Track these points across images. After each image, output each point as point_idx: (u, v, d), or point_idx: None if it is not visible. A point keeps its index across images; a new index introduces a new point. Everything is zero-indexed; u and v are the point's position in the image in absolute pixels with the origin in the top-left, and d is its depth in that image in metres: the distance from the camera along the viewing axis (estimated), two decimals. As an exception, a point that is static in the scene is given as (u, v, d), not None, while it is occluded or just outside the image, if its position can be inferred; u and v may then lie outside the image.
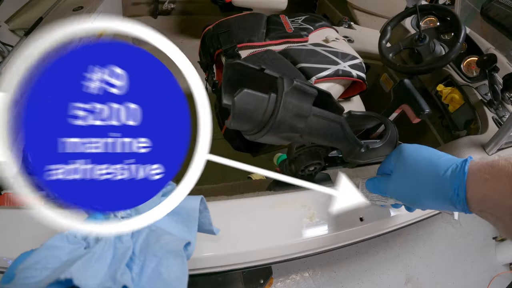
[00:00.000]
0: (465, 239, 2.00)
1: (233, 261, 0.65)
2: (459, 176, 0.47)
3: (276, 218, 0.69)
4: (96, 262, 0.37)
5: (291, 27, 1.48)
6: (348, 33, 1.89)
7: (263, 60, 1.28)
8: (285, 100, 0.42)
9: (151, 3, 3.31)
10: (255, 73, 0.47)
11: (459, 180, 0.47)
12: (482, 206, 0.46)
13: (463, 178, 0.47)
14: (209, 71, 1.53)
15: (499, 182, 0.43)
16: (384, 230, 0.79)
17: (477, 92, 1.33)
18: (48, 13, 2.25)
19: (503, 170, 0.44)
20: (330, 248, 0.72)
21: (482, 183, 0.45)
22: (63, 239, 0.39)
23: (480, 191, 0.45)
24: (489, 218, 0.46)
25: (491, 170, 0.45)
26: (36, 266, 0.35)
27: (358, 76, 1.34)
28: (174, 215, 0.47)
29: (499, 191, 0.43)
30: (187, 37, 3.10)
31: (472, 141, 1.09)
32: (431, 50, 1.38)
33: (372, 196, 0.67)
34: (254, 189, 0.78)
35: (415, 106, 0.77)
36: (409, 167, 0.55)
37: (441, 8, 1.43)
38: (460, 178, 0.47)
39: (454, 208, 0.49)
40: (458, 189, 0.47)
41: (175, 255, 0.40)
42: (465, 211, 0.48)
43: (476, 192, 0.46)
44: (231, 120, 0.42)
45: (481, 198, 0.45)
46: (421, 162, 0.53)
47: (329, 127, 0.51)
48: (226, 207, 0.69)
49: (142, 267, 0.40)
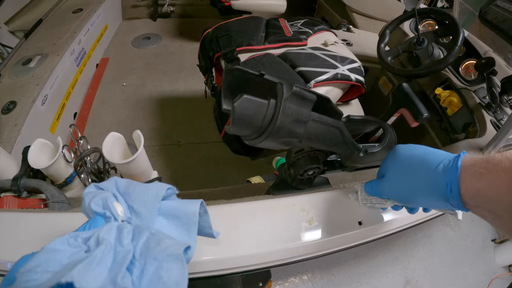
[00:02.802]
0: (464, 242, 2.01)
1: (232, 264, 0.65)
2: (452, 171, 0.46)
3: (275, 222, 0.69)
4: (97, 265, 0.37)
5: (290, 30, 1.49)
6: (347, 37, 1.90)
7: (262, 63, 1.29)
8: (284, 105, 0.43)
9: (151, 5, 3.32)
10: (255, 79, 0.48)
11: (451, 175, 0.46)
12: (477, 201, 0.44)
13: (456, 173, 0.46)
14: (208, 75, 1.54)
15: (495, 177, 0.42)
16: (383, 234, 0.79)
17: (475, 95, 1.34)
18: (48, 15, 2.26)
19: (499, 164, 0.42)
20: (329, 252, 0.73)
21: (476, 178, 0.43)
22: (63, 243, 0.39)
23: (474, 186, 0.44)
24: (485, 215, 0.45)
25: (486, 164, 0.43)
26: (37, 269, 0.35)
27: (356, 79, 1.34)
28: (174, 218, 0.48)
29: (496, 186, 0.41)
30: (186, 40, 3.11)
31: (470, 144, 1.10)
32: (430, 53, 1.39)
33: (371, 199, 0.67)
34: (253, 192, 0.78)
35: (413, 110, 0.78)
36: (402, 166, 0.55)
37: (439, 12, 1.44)
38: (452, 173, 0.46)
39: (449, 205, 0.48)
40: (451, 184, 0.46)
41: (175, 259, 0.40)
42: (460, 208, 0.47)
43: (470, 187, 0.44)
44: (231, 125, 0.43)
45: (476, 194, 0.44)
46: (414, 160, 0.53)
47: (328, 132, 0.52)
48: (225, 211, 0.70)
49: (142, 271, 0.40)
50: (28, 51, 1.88)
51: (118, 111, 2.34)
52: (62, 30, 2.11)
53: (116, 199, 0.46)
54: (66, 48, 1.97)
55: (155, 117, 2.32)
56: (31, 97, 1.58)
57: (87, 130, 2.18)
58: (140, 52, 2.94)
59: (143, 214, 0.45)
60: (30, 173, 0.87)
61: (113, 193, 0.46)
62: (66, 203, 0.76)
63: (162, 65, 2.80)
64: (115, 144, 0.83)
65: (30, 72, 1.71)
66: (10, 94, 1.57)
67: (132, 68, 2.73)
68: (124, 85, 2.56)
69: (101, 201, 0.43)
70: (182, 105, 2.43)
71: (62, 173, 0.89)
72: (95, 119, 2.26)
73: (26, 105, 1.54)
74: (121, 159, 0.77)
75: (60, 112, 1.93)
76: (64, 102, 1.99)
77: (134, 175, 0.85)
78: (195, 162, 2.07)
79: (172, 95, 2.51)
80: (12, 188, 0.81)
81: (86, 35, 2.31)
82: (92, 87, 2.49)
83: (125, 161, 0.75)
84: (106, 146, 0.78)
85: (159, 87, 2.57)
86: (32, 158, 0.82)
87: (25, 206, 0.81)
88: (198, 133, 2.24)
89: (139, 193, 0.46)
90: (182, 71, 2.75)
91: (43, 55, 1.84)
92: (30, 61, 1.77)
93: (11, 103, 1.52)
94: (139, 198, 0.46)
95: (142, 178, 0.89)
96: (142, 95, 2.49)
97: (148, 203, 0.45)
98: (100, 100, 2.41)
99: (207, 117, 2.32)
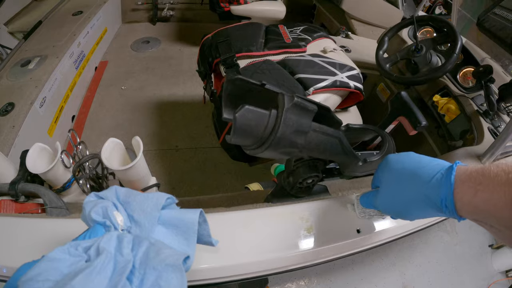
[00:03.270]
0: (461, 247, 2.01)
1: (231, 272, 0.64)
2: (445, 186, 0.44)
3: (274, 230, 0.69)
4: (97, 275, 0.37)
5: (290, 37, 1.49)
6: (345, 43, 1.91)
7: (262, 70, 1.29)
8: (285, 116, 0.43)
9: (150, 9, 3.33)
10: (256, 88, 0.48)
11: (445, 191, 0.44)
12: (474, 216, 0.43)
13: (450, 188, 0.43)
14: (207, 80, 1.54)
15: (492, 192, 0.39)
16: (381, 241, 0.79)
17: (473, 102, 1.35)
18: (47, 16, 2.26)
19: (495, 178, 0.40)
20: (327, 260, 0.73)
21: (472, 194, 0.41)
22: (64, 252, 0.39)
23: (471, 203, 0.42)
24: (484, 226, 0.44)
25: (482, 179, 0.41)
26: (38, 278, 0.36)
27: (355, 87, 1.35)
28: (174, 228, 0.48)
29: (493, 202, 0.39)
30: (185, 44, 3.12)
31: (467, 152, 1.10)
32: (428, 61, 1.40)
33: (369, 212, 0.67)
34: (251, 200, 0.78)
35: (412, 119, 0.78)
36: (394, 180, 0.53)
37: (438, 20, 1.45)
38: (446, 188, 0.44)
39: (445, 216, 0.46)
40: (445, 201, 0.44)
41: (174, 269, 0.40)
42: (457, 219, 0.45)
43: (465, 203, 0.42)
44: (232, 135, 0.43)
45: (473, 210, 0.42)
46: (405, 173, 0.51)
47: (328, 142, 0.52)
48: (224, 219, 0.70)
49: (142, 280, 0.40)
50: (27, 52, 1.88)
51: (116, 114, 2.34)
52: (62, 32, 2.11)
53: (116, 208, 0.46)
54: (65, 50, 1.97)
55: (153, 121, 2.32)
56: (29, 99, 1.58)
57: (85, 133, 2.17)
58: (139, 56, 2.94)
59: (143, 224, 0.45)
60: (28, 177, 0.86)
61: (113, 202, 0.46)
62: (64, 208, 0.76)
63: (161, 69, 2.81)
64: (114, 150, 0.83)
65: (28, 74, 1.71)
66: (8, 95, 1.57)
67: (131, 72, 2.73)
68: (122, 88, 2.56)
69: (101, 210, 0.43)
70: (181, 110, 2.44)
71: (60, 178, 0.89)
72: (93, 123, 2.26)
73: (24, 107, 1.54)
74: (120, 165, 0.76)
75: (58, 115, 1.92)
76: (63, 104, 1.99)
77: (133, 181, 0.85)
78: (192, 167, 2.07)
79: (170, 100, 2.52)
80: (9, 192, 0.81)
81: (85, 38, 2.32)
82: (90, 90, 2.49)
83: (124, 168, 0.75)
84: (105, 152, 0.78)
85: (157, 91, 2.58)
86: (30, 162, 0.82)
87: (22, 211, 0.81)
88: (196, 138, 2.25)
89: (139, 202, 0.46)
90: (180, 75, 2.76)
91: (42, 57, 1.84)
92: (29, 63, 1.77)
93: (9, 104, 1.52)
94: (139, 207, 0.46)
95: (141, 184, 0.89)
96: (141, 99, 2.49)
97: (148, 213, 0.45)
98: (98, 103, 2.41)
99: (205, 122, 2.32)
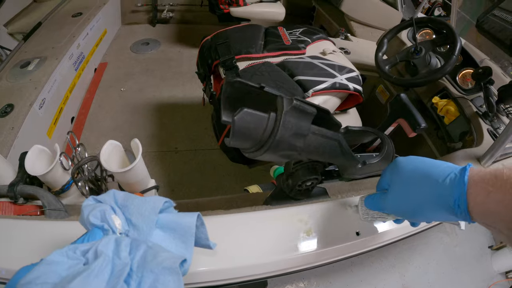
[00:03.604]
0: (461, 248, 2.01)
1: (229, 275, 0.64)
2: (459, 186, 0.44)
3: (273, 233, 0.69)
4: (95, 278, 0.37)
5: (289, 39, 1.49)
6: (344, 45, 1.91)
7: (261, 72, 1.29)
8: (284, 119, 0.43)
9: (150, 11, 3.33)
10: (255, 91, 0.48)
11: (459, 191, 0.44)
12: (485, 218, 0.43)
13: (463, 188, 0.44)
14: (206, 82, 1.54)
15: (505, 194, 0.40)
16: (381, 244, 0.79)
17: (472, 104, 1.35)
18: (47, 18, 2.26)
19: (508, 181, 0.40)
20: (326, 262, 0.72)
21: (485, 195, 0.42)
22: (62, 255, 0.39)
23: (483, 204, 0.42)
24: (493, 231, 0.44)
25: (495, 181, 0.42)
26: (36, 281, 0.36)
27: (354, 89, 1.35)
28: (171, 231, 0.48)
29: (505, 203, 0.40)
30: (185, 46, 3.12)
31: (467, 154, 1.10)
32: (427, 62, 1.40)
33: (373, 214, 0.66)
34: (251, 202, 0.78)
35: (411, 121, 0.78)
36: (405, 181, 0.53)
37: (437, 21, 1.45)
38: (460, 188, 0.44)
39: (455, 218, 0.46)
40: (458, 201, 0.44)
41: (171, 272, 0.40)
42: (467, 221, 0.46)
43: (478, 204, 0.43)
44: (231, 138, 0.43)
45: (485, 211, 0.42)
46: (417, 174, 0.51)
47: (327, 144, 0.51)
48: (223, 221, 0.69)
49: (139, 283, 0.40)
50: (26, 54, 1.88)
51: (116, 116, 2.34)
52: (61, 34, 2.11)
53: (114, 212, 0.46)
54: (64, 52, 1.97)
55: (152, 123, 2.32)
56: (28, 101, 1.58)
57: (84, 135, 2.17)
58: (138, 58, 2.94)
59: (141, 227, 0.45)
60: (27, 179, 0.86)
61: (111, 206, 0.46)
62: (63, 210, 0.76)
63: (160, 71, 2.81)
64: (113, 153, 0.82)
65: (28, 75, 1.71)
66: (7, 97, 1.57)
67: (130, 74, 2.74)
68: (122, 90, 2.57)
69: (99, 214, 0.43)
70: (180, 112, 2.44)
71: (59, 180, 0.88)
72: (92, 124, 2.26)
73: (24, 109, 1.54)
74: (119, 168, 0.76)
75: (57, 116, 1.92)
76: (62, 106, 1.99)
77: (131, 183, 0.84)
78: (192, 169, 2.07)
79: (169, 101, 2.52)
80: (8, 194, 0.81)
81: (85, 39, 2.32)
82: (90, 92, 2.49)
83: (123, 170, 0.74)
84: (104, 154, 0.78)
85: (157, 93, 2.58)
86: (29, 164, 0.82)
87: (21, 213, 0.81)
88: (195, 140, 2.25)
89: (137, 206, 0.46)
90: (180, 77, 2.76)
91: (41, 58, 1.84)
92: (28, 64, 1.77)
93: (9, 106, 1.52)
94: (137, 211, 0.46)
95: (140, 186, 0.89)
96: (140, 100, 2.49)
97: (146, 216, 0.45)
98: (97, 105, 2.41)
99: (204, 124, 2.32)
